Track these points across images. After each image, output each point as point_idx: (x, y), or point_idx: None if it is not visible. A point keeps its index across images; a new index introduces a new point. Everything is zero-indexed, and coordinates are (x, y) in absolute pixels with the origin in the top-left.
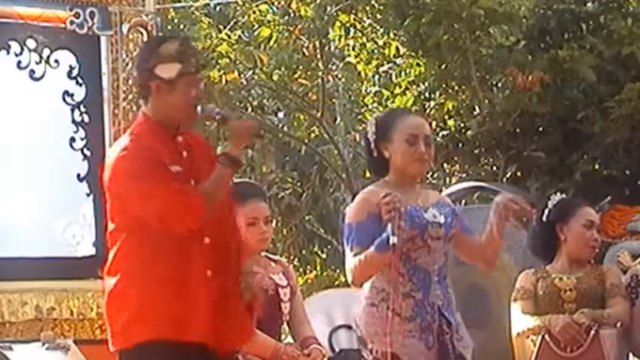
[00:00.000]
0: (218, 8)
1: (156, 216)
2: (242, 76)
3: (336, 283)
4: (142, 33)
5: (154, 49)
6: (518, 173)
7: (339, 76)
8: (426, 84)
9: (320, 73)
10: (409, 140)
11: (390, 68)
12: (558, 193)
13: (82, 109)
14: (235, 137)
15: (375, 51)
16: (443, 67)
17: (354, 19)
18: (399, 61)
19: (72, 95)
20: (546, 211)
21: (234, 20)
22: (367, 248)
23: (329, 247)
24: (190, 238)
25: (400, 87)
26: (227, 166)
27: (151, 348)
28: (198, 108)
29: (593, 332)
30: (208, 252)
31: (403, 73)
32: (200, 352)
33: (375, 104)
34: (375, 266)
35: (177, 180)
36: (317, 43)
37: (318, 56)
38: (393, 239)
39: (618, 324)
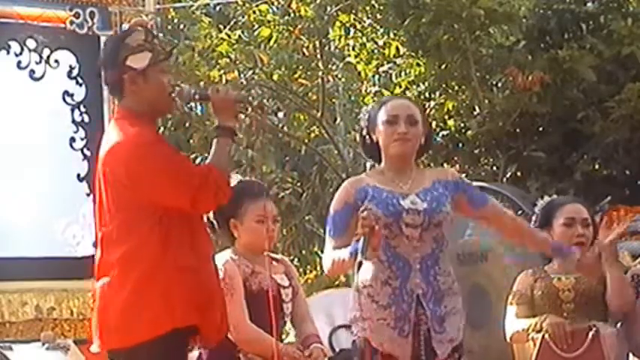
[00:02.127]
0: (218, 8)
1: (189, 198)
2: (242, 75)
3: (336, 283)
4: None
5: (121, 42)
6: (518, 173)
7: (339, 76)
8: (426, 84)
9: (320, 73)
10: (389, 120)
11: (390, 68)
12: (558, 193)
13: (82, 109)
14: (220, 110)
15: (375, 51)
16: (443, 67)
17: (354, 19)
18: (399, 61)
19: (72, 95)
20: (534, 217)
21: (234, 20)
22: (342, 239)
23: None
24: (200, 221)
25: (400, 87)
26: (225, 137)
27: (175, 337)
28: (175, 93)
29: (593, 332)
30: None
31: (403, 73)
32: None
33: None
34: (346, 268)
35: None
36: (317, 43)
37: (318, 56)
38: (361, 257)
39: (618, 324)
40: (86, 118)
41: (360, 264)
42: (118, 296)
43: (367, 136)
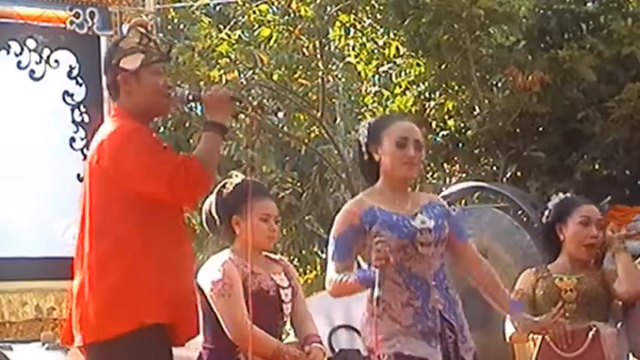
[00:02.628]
0: (218, 8)
1: (163, 185)
2: (242, 76)
3: None
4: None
5: (117, 45)
6: (518, 173)
7: (339, 76)
8: (426, 84)
9: (320, 73)
10: (399, 143)
11: (390, 68)
12: (558, 193)
13: (82, 109)
14: (211, 107)
15: (375, 51)
16: (443, 67)
17: (354, 19)
18: (399, 61)
19: (72, 95)
20: (546, 212)
21: (234, 20)
22: (346, 262)
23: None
24: (180, 215)
25: (400, 87)
26: (214, 132)
27: (152, 332)
28: (170, 95)
29: (593, 332)
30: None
31: (403, 73)
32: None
33: (375, 104)
34: (351, 292)
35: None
36: (317, 43)
37: (318, 56)
38: (379, 292)
39: (618, 325)
40: (86, 118)
41: (378, 299)
42: (99, 290)
43: (366, 153)
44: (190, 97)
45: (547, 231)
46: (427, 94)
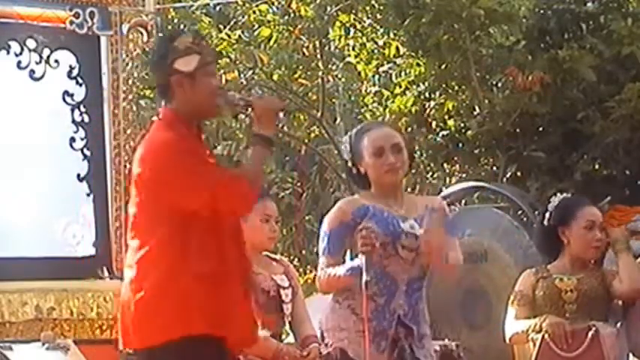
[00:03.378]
0: (218, 8)
1: (205, 201)
2: (242, 75)
3: None
4: (142, 33)
5: (170, 44)
6: (518, 173)
7: (339, 76)
8: (426, 84)
9: (320, 73)
10: (376, 153)
11: (390, 68)
12: (558, 194)
13: (82, 109)
14: (261, 118)
15: (375, 51)
16: (443, 67)
17: (354, 19)
18: (399, 61)
19: (72, 95)
20: (547, 215)
21: (234, 20)
22: (336, 257)
23: None
24: (227, 226)
25: (400, 87)
26: (263, 146)
27: (189, 344)
28: (220, 98)
29: (592, 332)
30: (240, 237)
31: (403, 73)
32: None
33: (375, 104)
34: (342, 285)
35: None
36: (317, 43)
37: (318, 56)
38: (366, 277)
39: (618, 325)
40: (86, 118)
41: (367, 283)
42: (136, 298)
43: (353, 167)
44: (242, 103)
45: (548, 233)
46: (427, 94)
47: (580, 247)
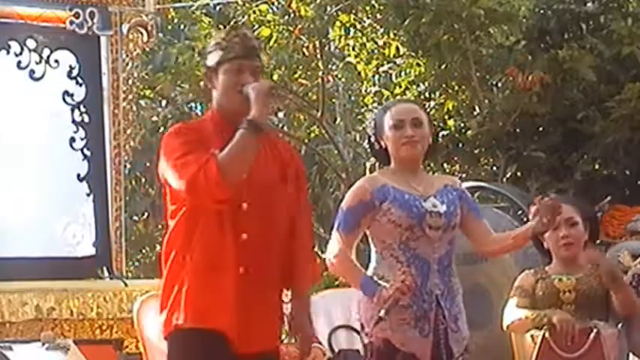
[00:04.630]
0: (218, 8)
1: (184, 187)
2: None
3: (336, 283)
4: (141, 33)
5: (212, 42)
6: (518, 173)
7: (339, 76)
8: (426, 84)
9: (320, 73)
10: (396, 125)
11: (390, 68)
12: (558, 193)
13: (82, 109)
14: (255, 102)
15: (375, 51)
16: (443, 67)
17: (354, 19)
18: (399, 61)
19: (72, 95)
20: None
21: (234, 20)
22: (349, 236)
23: None
24: (225, 214)
25: (400, 87)
26: (247, 129)
27: (189, 336)
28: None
29: (594, 333)
30: (245, 218)
31: (403, 73)
32: (222, 343)
33: (375, 104)
34: (351, 283)
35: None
36: (317, 43)
37: (318, 56)
38: (384, 315)
39: (619, 325)
40: (86, 118)
41: (380, 319)
42: (161, 289)
43: (376, 143)
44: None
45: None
46: (427, 94)
47: (552, 247)
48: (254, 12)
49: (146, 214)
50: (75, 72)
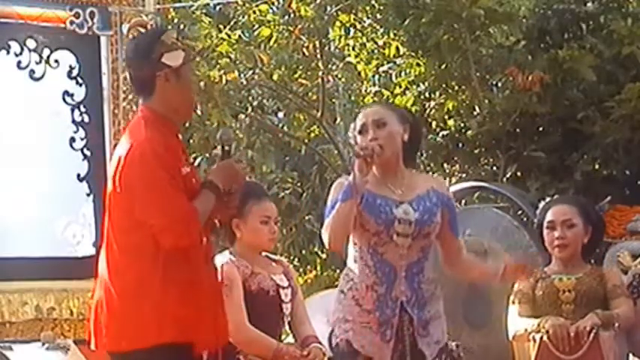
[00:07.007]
0: (218, 8)
1: (157, 228)
2: (242, 76)
3: (336, 283)
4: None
5: (156, 39)
6: (518, 173)
7: (339, 76)
8: (426, 84)
9: (320, 73)
10: (360, 130)
11: (390, 68)
12: (558, 193)
13: (82, 109)
14: (220, 175)
15: (375, 51)
16: (443, 67)
17: (354, 19)
18: (399, 61)
19: (72, 95)
20: (536, 220)
21: (234, 20)
22: None
23: None
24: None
25: (400, 87)
26: (214, 192)
27: (163, 351)
28: (220, 131)
29: (592, 334)
30: (208, 251)
31: (403, 73)
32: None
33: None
34: (343, 218)
35: (185, 190)
36: (317, 43)
37: (318, 56)
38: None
39: (616, 325)
40: (86, 118)
41: (345, 320)
42: (111, 301)
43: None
44: (226, 146)
45: (539, 234)
46: (427, 94)
47: (549, 249)
48: (254, 12)
49: None
50: (75, 72)
